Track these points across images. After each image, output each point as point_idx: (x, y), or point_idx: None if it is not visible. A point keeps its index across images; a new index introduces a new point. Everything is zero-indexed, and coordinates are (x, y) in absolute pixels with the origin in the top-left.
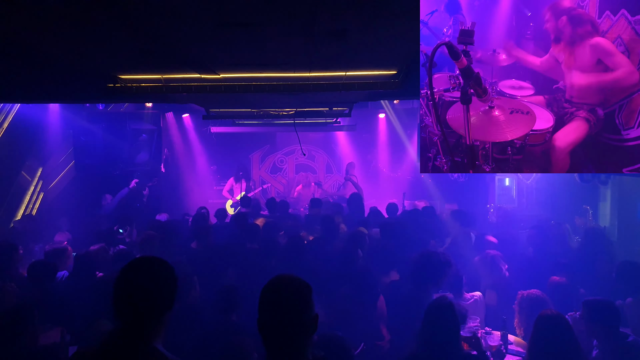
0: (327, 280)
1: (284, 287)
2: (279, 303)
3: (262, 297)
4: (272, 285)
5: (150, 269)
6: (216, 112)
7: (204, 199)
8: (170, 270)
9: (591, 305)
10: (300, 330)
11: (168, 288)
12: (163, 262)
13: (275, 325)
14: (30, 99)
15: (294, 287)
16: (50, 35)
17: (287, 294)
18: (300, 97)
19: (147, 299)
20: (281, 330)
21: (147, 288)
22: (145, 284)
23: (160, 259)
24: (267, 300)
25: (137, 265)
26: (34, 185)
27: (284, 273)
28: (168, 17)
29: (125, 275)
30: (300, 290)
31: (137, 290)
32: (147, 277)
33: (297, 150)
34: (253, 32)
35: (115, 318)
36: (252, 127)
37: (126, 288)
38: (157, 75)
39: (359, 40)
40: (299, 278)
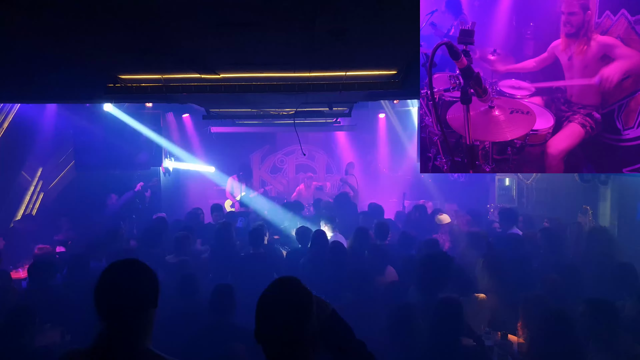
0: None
1: (284, 297)
2: (278, 315)
3: (259, 307)
4: (271, 294)
5: (128, 268)
6: (216, 112)
7: (204, 199)
8: (147, 269)
9: (591, 304)
10: (303, 342)
11: (147, 284)
12: (141, 263)
13: (274, 339)
14: (30, 99)
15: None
16: (50, 35)
17: (286, 306)
18: (300, 97)
19: (125, 295)
20: (281, 343)
21: (125, 285)
22: (122, 282)
23: (138, 261)
24: (265, 312)
25: (116, 265)
26: (34, 185)
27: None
28: (168, 17)
29: (104, 276)
30: (301, 300)
31: (114, 287)
32: (124, 275)
33: (297, 150)
34: (253, 32)
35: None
36: (252, 127)
37: (104, 287)
38: (157, 75)
39: (359, 40)
40: (298, 284)
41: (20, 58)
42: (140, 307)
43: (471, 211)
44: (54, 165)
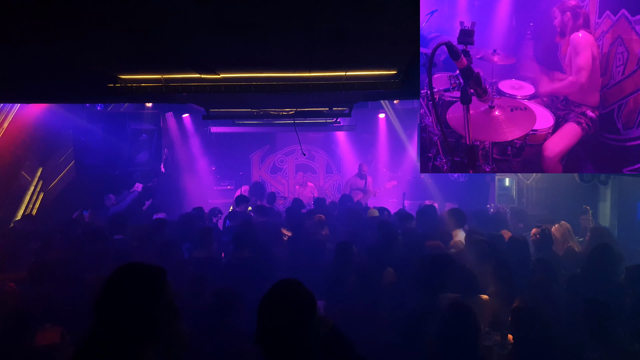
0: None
1: (286, 300)
2: (280, 317)
3: (261, 308)
4: (273, 297)
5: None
6: (216, 112)
7: (203, 199)
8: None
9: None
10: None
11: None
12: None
13: (276, 340)
14: (30, 99)
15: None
16: (50, 35)
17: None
18: (300, 97)
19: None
20: (282, 345)
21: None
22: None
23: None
24: (267, 313)
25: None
26: (34, 185)
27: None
28: (168, 17)
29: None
30: (303, 301)
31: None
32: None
33: (297, 150)
34: (253, 32)
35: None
36: (252, 127)
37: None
38: (157, 75)
39: (359, 40)
40: (300, 286)
41: (20, 58)
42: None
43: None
44: (54, 165)
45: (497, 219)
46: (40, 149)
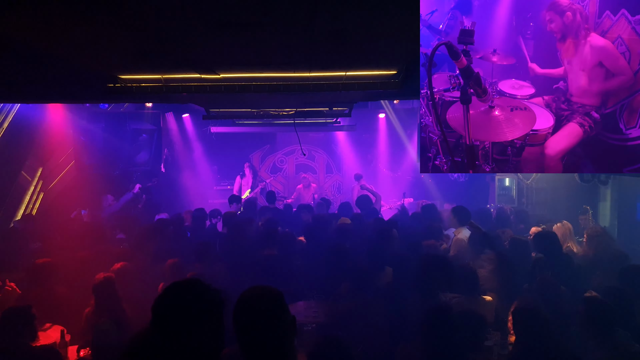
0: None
1: (258, 294)
2: (256, 308)
3: (238, 305)
4: (247, 293)
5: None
6: (216, 112)
7: (204, 199)
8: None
9: (588, 303)
10: (280, 333)
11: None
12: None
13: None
14: (30, 99)
15: (267, 293)
16: (50, 35)
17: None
18: (300, 97)
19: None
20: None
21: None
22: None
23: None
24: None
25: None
26: (34, 185)
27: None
28: (168, 17)
29: None
30: (274, 296)
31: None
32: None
33: (297, 150)
34: (253, 32)
35: None
36: (252, 127)
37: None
38: (157, 75)
39: (359, 40)
40: (270, 286)
41: (20, 58)
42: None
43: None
44: (54, 165)
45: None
46: (40, 149)
